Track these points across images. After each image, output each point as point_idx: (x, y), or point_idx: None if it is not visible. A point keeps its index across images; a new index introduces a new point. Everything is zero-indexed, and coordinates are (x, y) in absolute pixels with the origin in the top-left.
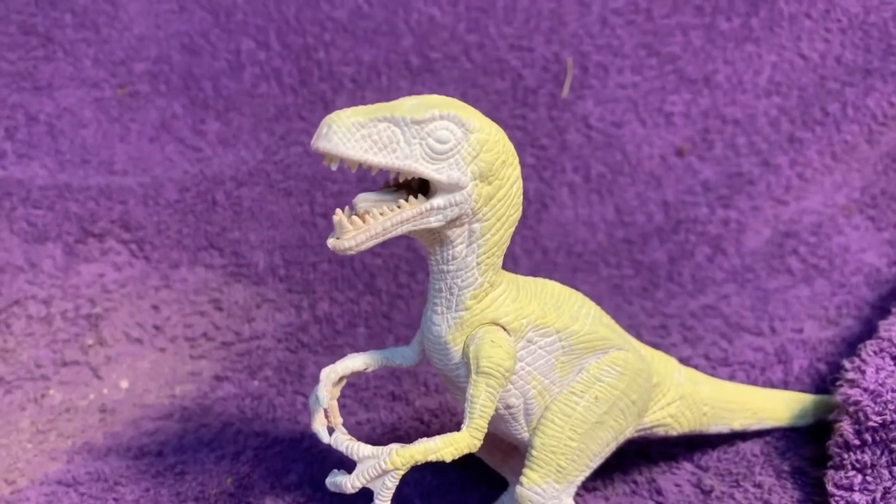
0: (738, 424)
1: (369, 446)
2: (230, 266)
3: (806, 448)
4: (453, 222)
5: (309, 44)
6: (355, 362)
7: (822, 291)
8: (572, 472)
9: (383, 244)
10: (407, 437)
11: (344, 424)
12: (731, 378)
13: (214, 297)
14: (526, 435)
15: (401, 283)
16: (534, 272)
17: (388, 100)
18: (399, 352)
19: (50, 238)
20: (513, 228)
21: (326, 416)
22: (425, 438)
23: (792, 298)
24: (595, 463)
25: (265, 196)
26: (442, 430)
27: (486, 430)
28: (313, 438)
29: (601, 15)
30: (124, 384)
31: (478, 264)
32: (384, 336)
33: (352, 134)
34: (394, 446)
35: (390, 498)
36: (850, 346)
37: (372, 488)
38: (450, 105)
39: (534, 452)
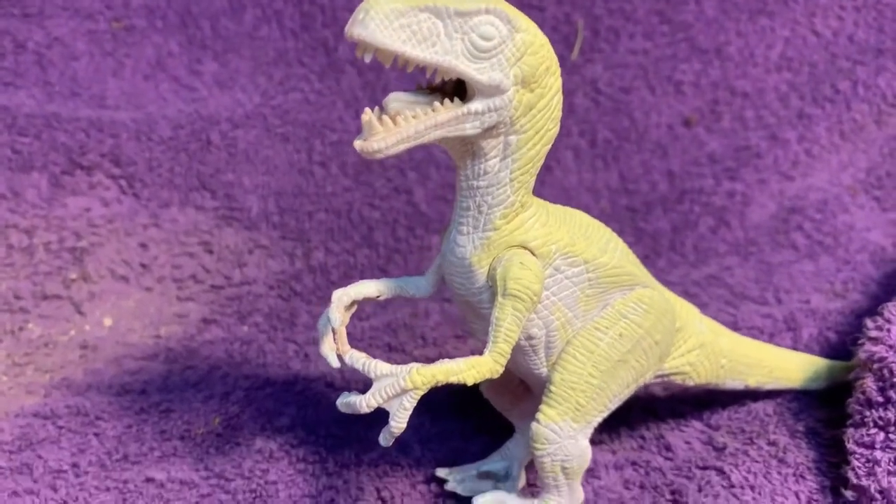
0: (752, 381)
1: (387, 364)
2: (222, 209)
3: (819, 410)
4: (489, 131)
5: None
6: (368, 288)
7: (826, 267)
8: (591, 412)
9: (382, 197)
10: None
11: (340, 371)
12: None
13: (205, 240)
14: (544, 370)
15: (399, 237)
16: None
17: None
18: (413, 281)
19: (35, 167)
20: (549, 145)
21: (335, 341)
22: (446, 360)
23: (797, 272)
24: (614, 405)
25: (261, 140)
26: None
27: (508, 356)
28: (307, 382)
29: None
30: (107, 322)
31: (510, 181)
32: None
33: (390, 22)
34: (414, 365)
35: (406, 419)
36: (859, 318)
37: (388, 409)
38: (496, 0)
39: (552, 388)
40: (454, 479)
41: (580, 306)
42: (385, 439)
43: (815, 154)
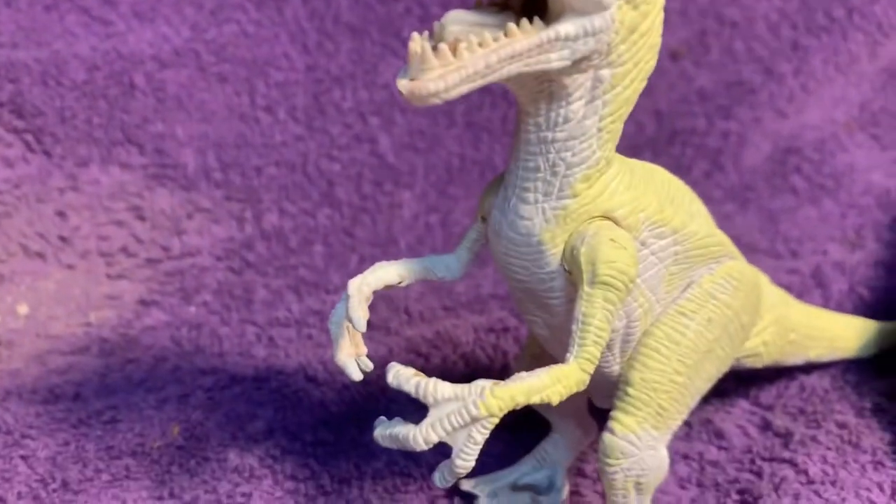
0: (814, 354)
1: (449, 385)
2: (152, 166)
3: (877, 381)
4: (578, 64)
5: None
6: (388, 273)
7: (831, 212)
8: (673, 416)
9: (341, 147)
10: None
11: (321, 362)
12: None
13: (134, 204)
14: (616, 368)
15: (364, 193)
16: None
17: None
18: (441, 261)
19: None
20: (645, 82)
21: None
22: (524, 373)
23: (801, 219)
24: (694, 404)
25: (194, 82)
26: (445, 364)
27: (598, 362)
28: (281, 376)
29: None
30: (23, 309)
31: (599, 131)
32: (346, 255)
33: None
34: (483, 384)
35: (476, 455)
36: (888, 272)
37: (450, 443)
38: None
39: (630, 391)
40: (483, 492)
41: (662, 288)
42: (443, 479)
43: (810, 89)
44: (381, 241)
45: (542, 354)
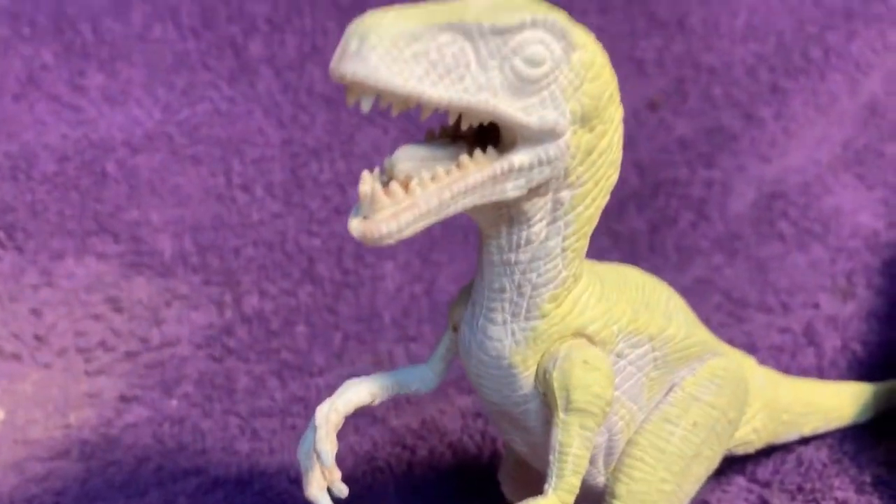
0: (808, 429)
1: None
2: (128, 255)
3: (876, 450)
4: (535, 190)
5: None
6: (359, 394)
7: (820, 258)
8: None
9: (320, 221)
10: (389, 469)
11: None
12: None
13: (111, 295)
14: (601, 479)
15: (346, 268)
16: None
17: (312, 45)
18: (415, 373)
19: None
20: (608, 198)
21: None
22: None
23: (790, 267)
24: None
25: (168, 165)
26: (432, 456)
27: (577, 491)
28: (264, 477)
29: None
30: None
31: (563, 251)
32: (330, 334)
33: (400, 51)
34: None
35: None
36: (882, 324)
37: None
38: (542, 7)
39: None
40: None
41: (645, 395)
42: None
43: (792, 132)
44: (364, 316)
45: (526, 462)
